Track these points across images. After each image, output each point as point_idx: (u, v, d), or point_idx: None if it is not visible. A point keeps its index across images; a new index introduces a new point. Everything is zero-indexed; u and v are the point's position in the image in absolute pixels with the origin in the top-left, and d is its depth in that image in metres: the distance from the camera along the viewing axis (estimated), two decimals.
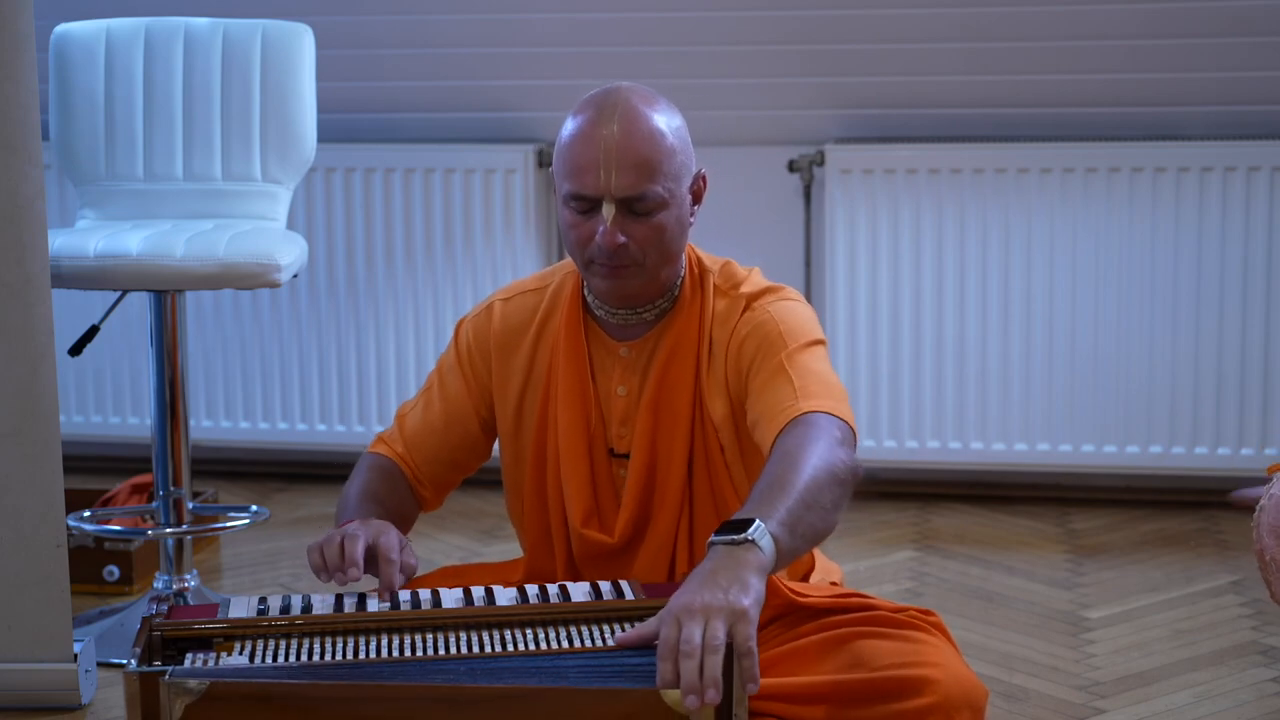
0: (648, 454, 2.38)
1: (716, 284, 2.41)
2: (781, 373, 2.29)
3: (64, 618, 2.81)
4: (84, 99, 3.24)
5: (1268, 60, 3.88)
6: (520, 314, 2.48)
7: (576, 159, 2.29)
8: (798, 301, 2.41)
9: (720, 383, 2.37)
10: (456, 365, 2.50)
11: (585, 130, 2.30)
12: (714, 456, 2.38)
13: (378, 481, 2.45)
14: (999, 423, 4.03)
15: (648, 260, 2.31)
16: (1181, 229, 3.92)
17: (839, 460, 2.14)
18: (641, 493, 2.39)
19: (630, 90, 2.34)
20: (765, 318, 2.36)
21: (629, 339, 2.41)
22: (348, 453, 4.35)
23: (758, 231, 4.16)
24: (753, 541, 1.97)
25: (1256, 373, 3.93)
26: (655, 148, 2.29)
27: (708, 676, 1.84)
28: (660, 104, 2.35)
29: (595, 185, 2.28)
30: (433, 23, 4.12)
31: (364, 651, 2.02)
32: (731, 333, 2.37)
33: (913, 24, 3.96)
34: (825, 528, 2.10)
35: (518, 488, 2.49)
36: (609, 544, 2.39)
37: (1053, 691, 2.89)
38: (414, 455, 2.50)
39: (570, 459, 2.40)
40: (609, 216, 2.27)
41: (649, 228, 2.29)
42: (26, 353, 2.76)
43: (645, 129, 2.29)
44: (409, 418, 2.52)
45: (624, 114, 2.29)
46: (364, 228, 4.24)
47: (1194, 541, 3.82)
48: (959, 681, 2.14)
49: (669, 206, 2.30)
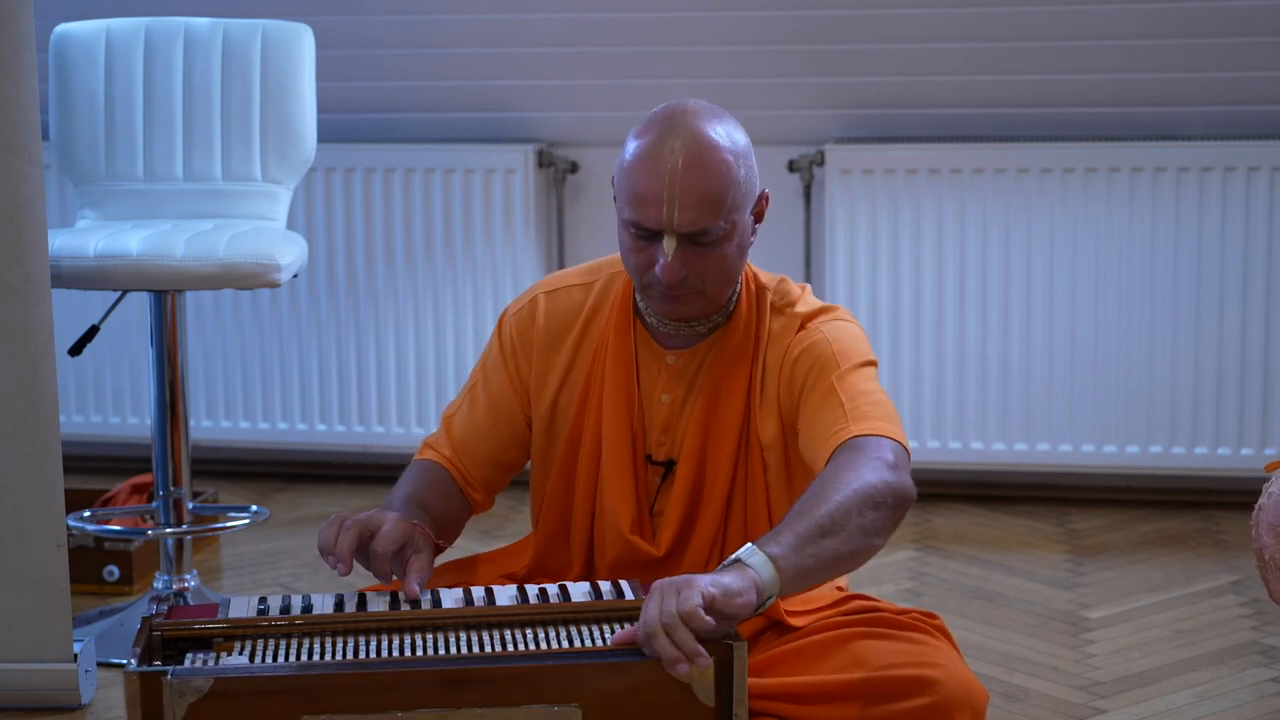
0: (694, 467, 2.37)
1: (773, 302, 2.39)
2: (833, 395, 2.27)
3: (64, 618, 2.81)
4: (84, 99, 3.24)
5: (1268, 60, 3.88)
6: (565, 309, 2.44)
7: (638, 188, 2.23)
8: (850, 322, 2.40)
9: (773, 402, 2.35)
10: (500, 361, 2.46)
11: (648, 158, 2.23)
12: (755, 475, 2.37)
13: (424, 487, 2.41)
14: (999, 423, 4.04)
15: (708, 289, 2.29)
16: (1181, 229, 3.92)
17: (880, 483, 2.12)
18: (686, 506, 2.37)
19: (695, 113, 2.27)
20: (819, 338, 2.34)
21: (677, 347, 2.39)
22: (348, 453, 4.36)
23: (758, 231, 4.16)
24: (739, 560, 2.01)
25: (1256, 373, 3.93)
26: (721, 182, 2.23)
27: (685, 649, 1.90)
28: (726, 125, 2.28)
29: (658, 219, 2.22)
30: (433, 23, 4.12)
31: (364, 651, 2.02)
32: (785, 352, 2.35)
33: (913, 24, 3.96)
34: (854, 551, 2.09)
35: (542, 481, 2.47)
36: (654, 555, 2.37)
37: (1053, 691, 2.89)
38: (463, 459, 2.45)
39: (614, 466, 2.38)
40: (670, 250, 2.23)
41: (711, 259, 2.26)
42: (26, 353, 2.76)
43: (711, 162, 2.23)
44: (456, 419, 2.47)
45: (689, 143, 2.23)
46: (364, 228, 4.24)
47: (1194, 541, 3.82)
48: (960, 682, 2.14)
49: (731, 238, 2.27)
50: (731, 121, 2.30)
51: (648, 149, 2.24)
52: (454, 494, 2.44)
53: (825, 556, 2.05)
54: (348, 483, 4.40)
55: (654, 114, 2.29)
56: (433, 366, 4.25)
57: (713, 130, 2.26)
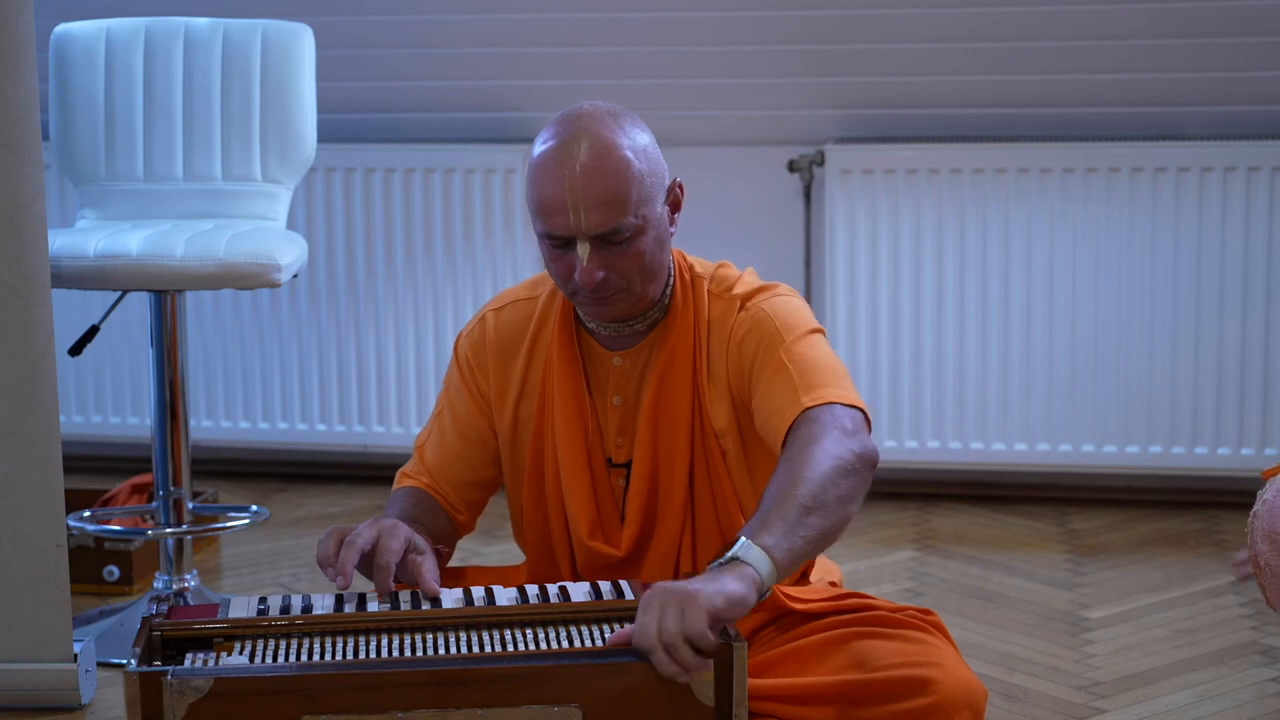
0: (649, 464, 2.38)
1: (710, 289, 2.40)
2: (782, 369, 2.28)
3: (64, 618, 2.81)
4: (84, 99, 3.24)
5: (1268, 60, 3.88)
6: (513, 323, 2.46)
7: (544, 199, 2.25)
8: (791, 296, 2.40)
9: (722, 387, 2.36)
10: (461, 383, 2.48)
11: (549, 168, 2.24)
12: (715, 464, 2.37)
13: (413, 508, 2.41)
14: (999, 423, 4.03)
15: (632, 285, 2.29)
16: (1181, 229, 3.92)
17: (846, 452, 2.13)
18: (645, 504, 2.38)
19: (591, 115, 2.27)
20: (761, 315, 2.35)
21: (621, 349, 2.40)
22: (348, 453, 4.36)
23: (758, 231, 4.16)
24: (738, 558, 1.99)
25: (1256, 373, 3.93)
26: (622, 178, 2.23)
27: (685, 663, 1.90)
28: (624, 124, 2.28)
29: (566, 225, 2.23)
30: (433, 23, 4.12)
31: (364, 651, 2.02)
32: (729, 334, 2.36)
33: (913, 24, 3.96)
34: (836, 523, 2.10)
35: (517, 496, 2.49)
36: (615, 557, 2.39)
37: (1053, 691, 2.89)
38: (441, 483, 2.46)
39: (571, 471, 2.39)
40: (584, 255, 2.24)
41: (628, 256, 2.26)
42: (26, 353, 2.76)
43: (610, 161, 2.23)
44: (428, 447, 2.49)
45: (587, 147, 2.24)
46: (364, 228, 4.24)
47: (1194, 541, 3.82)
48: (959, 682, 2.14)
49: (645, 231, 2.27)
50: (629, 118, 2.31)
51: (546, 158, 2.25)
52: (441, 515, 2.45)
53: (813, 536, 2.06)
54: (348, 483, 4.40)
55: (551, 122, 2.30)
56: (433, 366, 4.25)
57: (608, 129, 2.26)
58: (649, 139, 2.31)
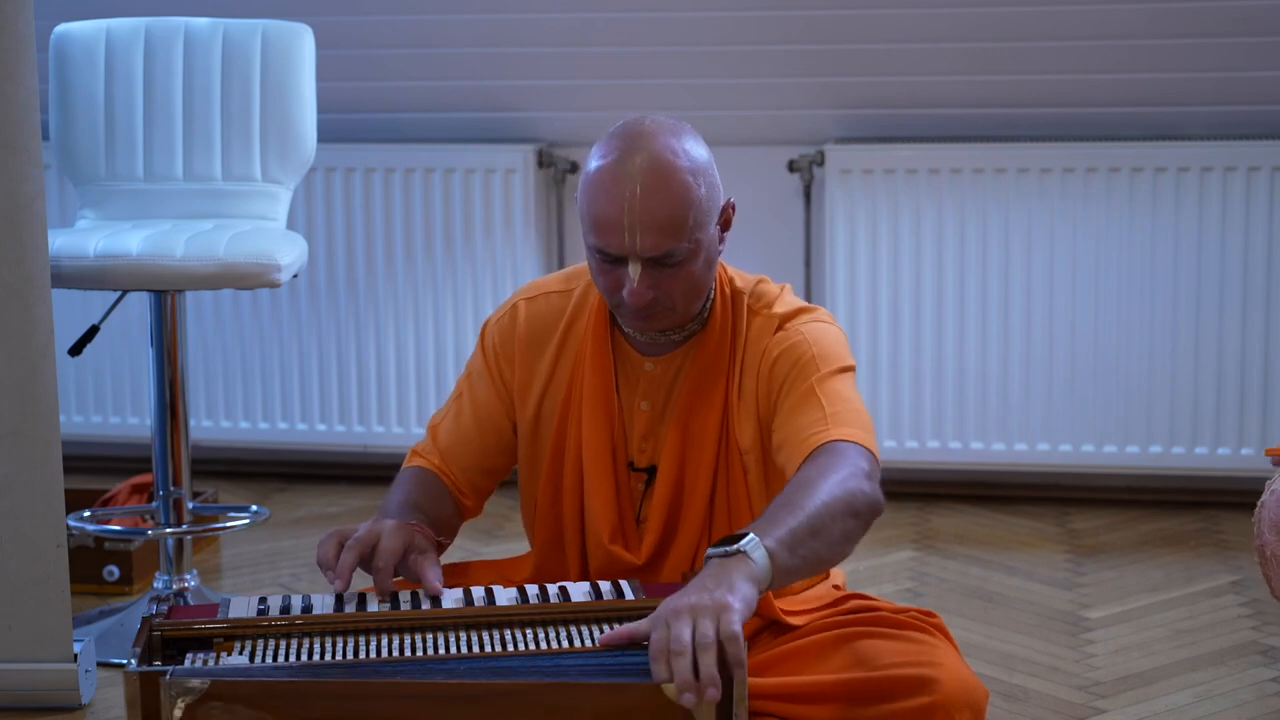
0: (675, 473, 2.36)
1: (749, 304, 2.38)
2: (812, 397, 2.26)
3: (64, 618, 2.81)
4: (84, 99, 3.24)
5: (1268, 60, 3.88)
6: (545, 316, 2.44)
7: (599, 214, 2.23)
8: (830, 324, 2.38)
9: (750, 405, 2.35)
10: (484, 369, 2.47)
11: (607, 183, 2.22)
12: (736, 480, 2.36)
13: (419, 493, 2.41)
14: (999, 423, 4.03)
15: (677, 305, 2.28)
16: (1181, 229, 3.92)
17: (859, 492, 2.12)
18: (668, 512, 2.37)
19: (653, 133, 2.24)
20: (799, 339, 2.33)
21: (654, 354, 2.39)
22: (348, 453, 4.36)
23: (758, 231, 4.16)
24: (744, 553, 1.98)
25: (1256, 373, 3.93)
26: (681, 203, 2.21)
27: (705, 675, 1.85)
28: (685, 142, 2.25)
29: (619, 245, 2.22)
30: (433, 23, 4.12)
31: (364, 651, 2.02)
32: (763, 354, 2.34)
33: (913, 24, 3.96)
34: (831, 556, 2.10)
35: (531, 489, 2.48)
36: (634, 564, 2.37)
37: (1053, 691, 2.89)
38: (451, 466, 2.46)
39: (595, 474, 2.38)
40: (635, 275, 2.23)
41: (678, 278, 2.25)
42: (26, 353, 2.76)
43: (671, 185, 2.21)
44: (442, 428, 2.48)
45: (647, 167, 2.21)
46: (364, 228, 4.24)
47: (1194, 541, 3.82)
48: (960, 682, 2.14)
49: (698, 255, 2.26)
50: (691, 136, 2.28)
51: (606, 173, 2.23)
52: (447, 498, 2.45)
53: (810, 559, 2.06)
54: (348, 483, 4.40)
55: (612, 134, 2.28)
56: (433, 366, 4.25)
57: (670, 150, 2.23)
58: (708, 158, 2.29)
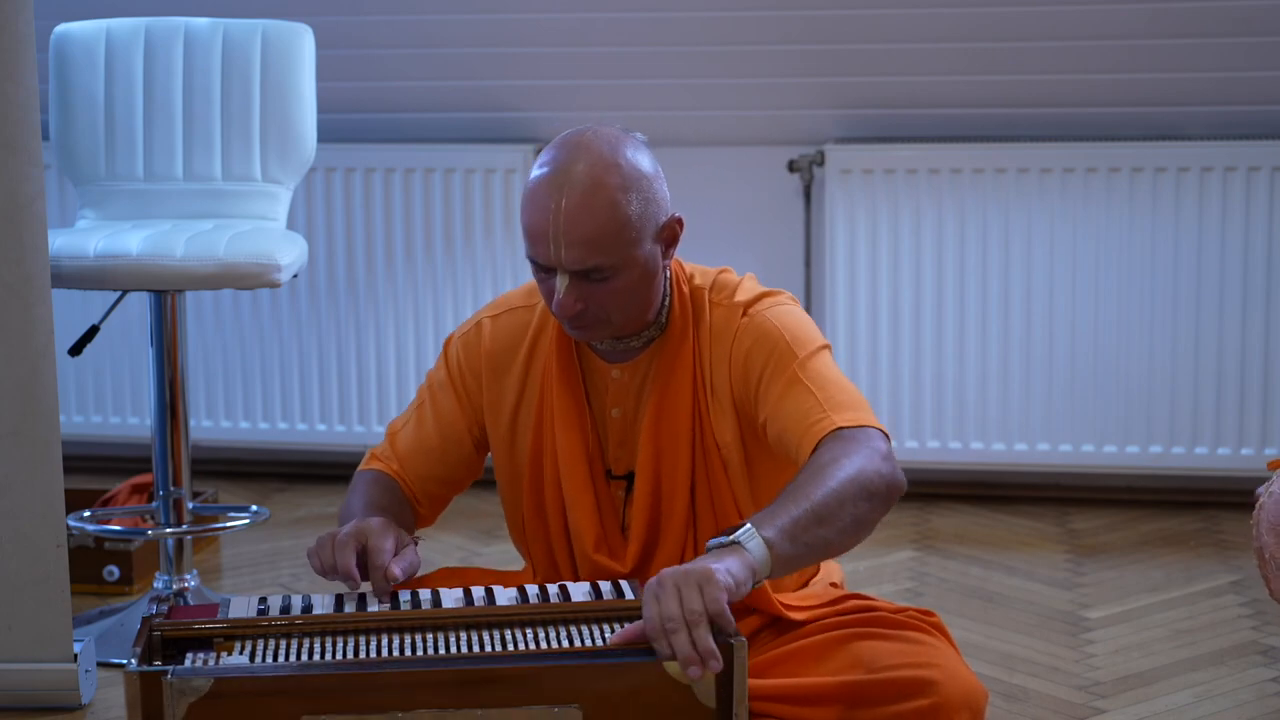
0: (651, 480, 2.36)
1: (711, 298, 2.36)
2: (798, 383, 2.25)
3: (64, 618, 2.81)
4: (84, 99, 3.24)
5: (1268, 60, 3.88)
6: (510, 332, 2.43)
7: (527, 224, 2.23)
8: (795, 305, 2.37)
9: (725, 398, 2.33)
10: (448, 383, 2.46)
11: (539, 194, 2.21)
12: (716, 476, 2.35)
13: (380, 494, 2.42)
14: (999, 423, 4.03)
15: (612, 317, 2.26)
16: (1181, 229, 3.92)
17: (876, 473, 2.13)
18: (649, 519, 2.36)
19: (590, 144, 2.22)
20: (768, 326, 2.31)
21: (620, 361, 2.37)
22: (348, 453, 4.36)
23: (758, 231, 4.16)
24: (739, 543, 1.99)
25: (1256, 373, 3.93)
26: (607, 219, 2.19)
27: (703, 649, 1.88)
28: (625, 155, 2.22)
29: (546, 255, 2.21)
30: (433, 23, 4.12)
31: (364, 651, 2.02)
32: (732, 343, 2.32)
33: (913, 24, 3.96)
34: (842, 540, 2.10)
35: (516, 506, 2.47)
36: (620, 572, 2.37)
37: (1053, 691, 2.89)
38: (409, 473, 2.46)
39: (573, 484, 2.37)
40: (562, 287, 2.21)
41: (605, 292, 2.23)
42: (26, 353, 2.76)
43: (597, 201, 2.18)
44: (401, 435, 2.48)
45: (577, 180, 2.19)
46: (364, 228, 4.24)
47: (1194, 541, 3.82)
48: (959, 682, 2.14)
49: (627, 270, 2.23)
50: (634, 148, 2.24)
51: (539, 184, 2.22)
52: (406, 505, 2.45)
53: (815, 545, 2.06)
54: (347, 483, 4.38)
55: (554, 143, 2.26)
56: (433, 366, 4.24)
57: (604, 164, 2.20)
58: (651, 172, 2.25)
